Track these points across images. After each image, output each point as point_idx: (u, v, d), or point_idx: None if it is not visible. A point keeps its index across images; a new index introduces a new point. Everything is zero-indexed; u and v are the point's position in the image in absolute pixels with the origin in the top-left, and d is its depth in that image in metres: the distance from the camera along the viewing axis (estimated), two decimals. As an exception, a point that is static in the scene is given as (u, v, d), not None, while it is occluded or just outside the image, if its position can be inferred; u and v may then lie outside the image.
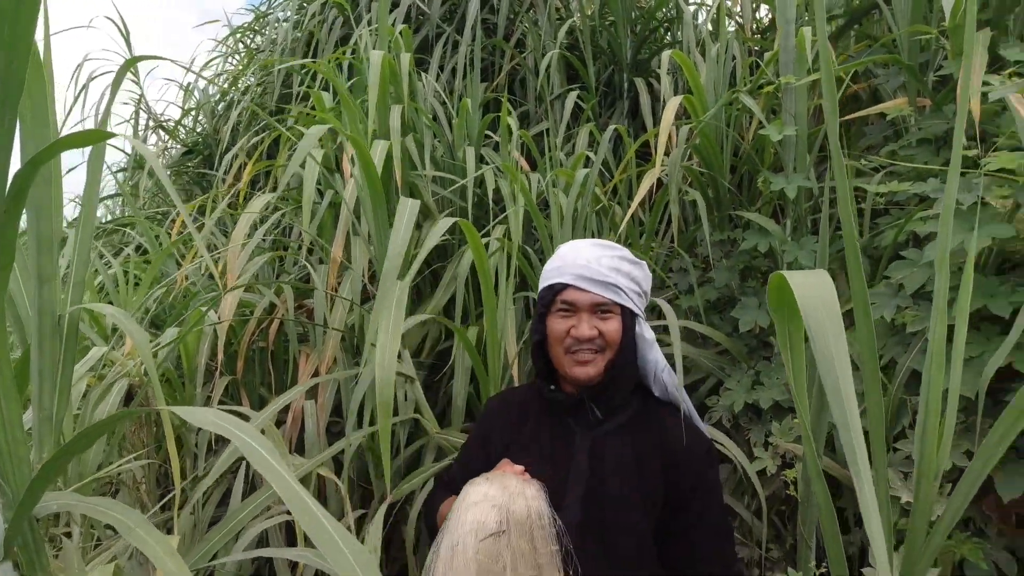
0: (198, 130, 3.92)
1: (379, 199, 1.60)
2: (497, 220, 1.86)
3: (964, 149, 1.32)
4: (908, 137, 1.62)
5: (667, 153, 1.83)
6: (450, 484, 1.14)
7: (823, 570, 1.19)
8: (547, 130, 2.72)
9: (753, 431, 1.53)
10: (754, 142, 1.93)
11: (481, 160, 2.26)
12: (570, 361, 1.05)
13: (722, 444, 1.46)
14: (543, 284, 1.10)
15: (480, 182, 2.14)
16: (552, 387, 1.09)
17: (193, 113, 3.92)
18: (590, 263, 1.05)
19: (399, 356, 1.54)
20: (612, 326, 1.04)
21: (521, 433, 1.11)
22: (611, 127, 1.98)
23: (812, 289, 0.55)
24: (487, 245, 1.89)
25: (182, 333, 1.22)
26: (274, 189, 2.27)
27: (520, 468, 0.99)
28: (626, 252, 1.10)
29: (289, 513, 1.29)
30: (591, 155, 2.00)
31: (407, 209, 1.23)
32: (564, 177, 1.93)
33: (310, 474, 1.38)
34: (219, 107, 3.92)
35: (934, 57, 1.73)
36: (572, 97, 2.59)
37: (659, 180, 1.97)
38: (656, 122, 2.52)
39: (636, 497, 1.01)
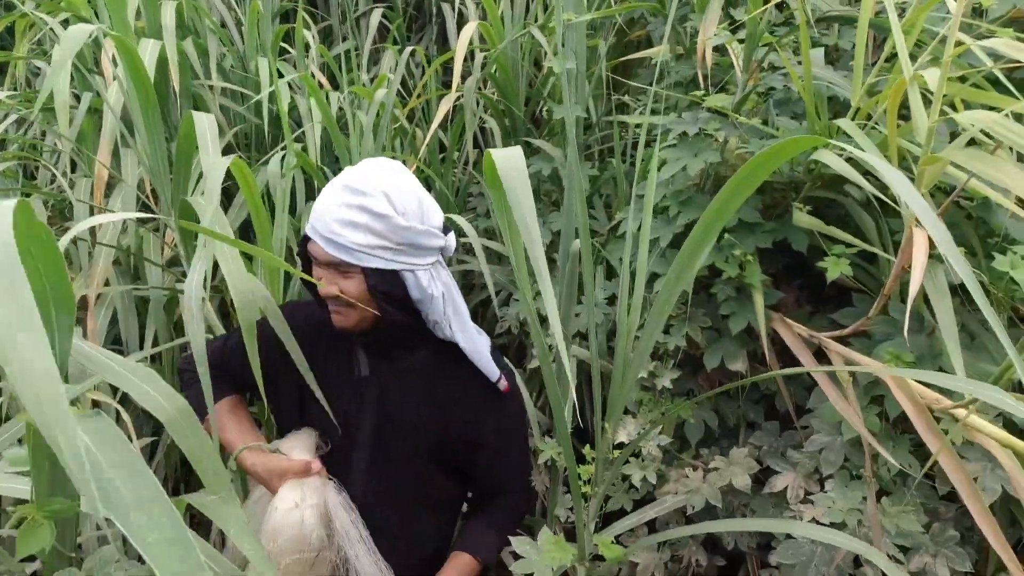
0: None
1: (151, 107, 1.44)
2: (294, 135, 1.79)
3: (697, 91, 1.58)
4: (667, 79, 1.88)
5: (465, 80, 1.90)
6: (221, 366, 1.10)
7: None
8: (351, 50, 2.63)
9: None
10: (546, 75, 2.08)
11: (278, 75, 2.12)
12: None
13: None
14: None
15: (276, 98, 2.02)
16: None
17: None
18: (324, 214, 0.92)
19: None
20: (349, 285, 0.93)
21: (317, 349, 1.05)
22: (409, 47, 1.99)
23: (508, 160, 0.68)
24: (282, 160, 1.82)
25: None
26: (14, 88, 1.91)
27: (319, 466, 1.00)
28: (373, 201, 0.89)
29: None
30: (393, 77, 1.99)
31: (205, 126, 1.10)
32: (364, 96, 1.91)
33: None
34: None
35: (692, 10, 1.99)
36: (377, 15, 2.51)
37: (461, 106, 2.04)
38: (461, 49, 2.56)
39: (422, 424, 1.05)
